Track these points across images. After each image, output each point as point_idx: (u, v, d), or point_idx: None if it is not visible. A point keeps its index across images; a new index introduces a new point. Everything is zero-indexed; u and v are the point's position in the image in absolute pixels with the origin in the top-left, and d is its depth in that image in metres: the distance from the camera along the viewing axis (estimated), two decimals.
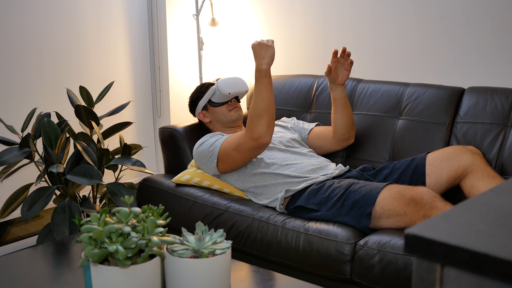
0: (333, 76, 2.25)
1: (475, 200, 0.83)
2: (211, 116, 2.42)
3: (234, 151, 2.16)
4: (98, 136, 2.31)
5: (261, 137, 2.09)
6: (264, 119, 2.08)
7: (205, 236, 1.29)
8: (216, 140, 2.23)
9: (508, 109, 2.14)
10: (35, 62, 2.66)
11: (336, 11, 2.83)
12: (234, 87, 2.37)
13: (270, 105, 2.10)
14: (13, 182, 2.49)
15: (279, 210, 2.10)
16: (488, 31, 2.40)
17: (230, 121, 2.39)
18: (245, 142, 2.13)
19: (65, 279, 1.55)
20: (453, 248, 0.69)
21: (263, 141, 2.10)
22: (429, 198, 1.80)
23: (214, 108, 2.40)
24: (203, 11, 3.07)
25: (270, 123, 2.10)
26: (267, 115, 2.09)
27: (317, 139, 2.44)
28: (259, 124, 2.09)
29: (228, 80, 2.39)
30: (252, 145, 2.12)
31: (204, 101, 2.41)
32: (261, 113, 2.08)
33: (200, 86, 2.48)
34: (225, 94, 2.36)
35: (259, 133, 2.09)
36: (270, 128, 2.10)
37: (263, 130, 2.09)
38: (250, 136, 2.10)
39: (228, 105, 2.39)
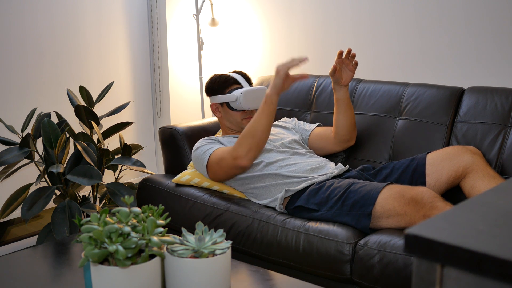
0: (337, 77, 2.24)
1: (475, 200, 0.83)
2: (223, 113, 2.39)
3: (217, 165, 2.17)
4: (98, 136, 2.31)
5: (239, 158, 2.08)
6: (249, 142, 2.07)
7: (205, 236, 1.29)
8: (208, 148, 2.21)
9: (508, 109, 2.14)
10: (35, 62, 2.66)
11: (336, 11, 2.83)
12: (255, 102, 2.32)
13: (261, 132, 2.07)
14: (13, 182, 2.49)
15: (279, 210, 2.10)
16: (488, 31, 2.40)
17: (239, 128, 2.37)
18: (226, 158, 2.13)
19: (65, 279, 1.55)
20: (453, 248, 0.69)
21: (239, 162, 2.09)
22: (429, 198, 1.80)
23: (229, 110, 2.36)
24: (203, 11, 3.07)
25: (253, 149, 2.07)
26: (253, 140, 2.07)
27: (318, 140, 2.44)
28: (243, 145, 2.07)
29: (252, 95, 2.32)
30: (230, 163, 2.12)
31: (222, 100, 2.36)
32: (249, 136, 2.07)
33: (225, 80, 2.38)
34: (245, 108, 2.32)
35: (239, 154, 2.08)
36: (250, 152, 2.08)
37: (243, 152, 2.07)
38: (231, 154, 2.10)
39: (243, 113, 2.35)
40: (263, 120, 2.07)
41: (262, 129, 2.07)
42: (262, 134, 2.07)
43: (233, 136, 2.35)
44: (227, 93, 2.35)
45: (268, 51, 3.11)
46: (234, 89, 2.35)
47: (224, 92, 2.36)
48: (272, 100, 2.06)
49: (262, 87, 2.36)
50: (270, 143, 2.33)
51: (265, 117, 2.06)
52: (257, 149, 2.09)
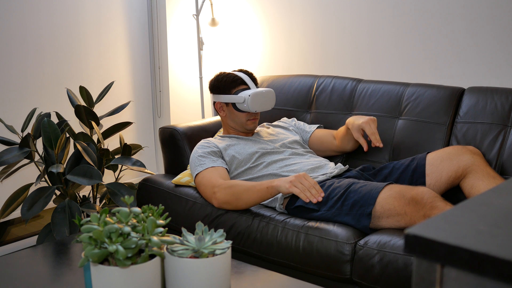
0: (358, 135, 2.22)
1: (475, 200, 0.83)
2: (227, 113, 2.37)
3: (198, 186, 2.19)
4: (98, 136, 2.31)
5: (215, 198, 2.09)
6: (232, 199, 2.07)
7: (205, 236, 1.29)
8: (199, 164, 2.20)
9: (508, 109, 2.14)
10: (35, 62, 2.66)
11: (336, 11, 2.83)
12: (263, 105, 2.32)
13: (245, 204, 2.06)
14: (13, 182, 2.49)
15: (279, 210, 2.10)
16: (488, 31, 2.40)
17: (243, 128, 2.36)
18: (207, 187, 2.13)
19: (65, 279, 1.55)
20: (453, 248, 0.69)
21: (213, 201, 2.11)
22: (429, 198, 1.80)
23: (234, 111, 2.34)
24: (203, 11, 3.07)
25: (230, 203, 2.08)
26: (236, 201, 2.07)
27: (319, 143, 2.44)
28: (227, 193, 2.07)
29: (260, 97, 2.30)
30: (207, 194, 2.13)
31: (228, 100, 2.33)
32: (237, 195, 2.06)
33: (232, 80, 2.34)
34: (252, 110, 2.30)
35: (218, 195, 2.08)
36: (226, 204, 2.09)
37: (222, 198, 2.08)
38: (213, 188, 2.10)
39: (249, 114, 2.33)
40: (254, 198, 2.05)
41: (248, 202, 2.07)
42: (244, 205, 2.08)
43: (234, 136, 2.35)
44: (234, 93, 2.32)
45: (268, 51, 3.11)
46: (241, 90, 2.32)
47: (230, 92, 2.33)
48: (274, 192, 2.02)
49: (269, 90, 2.35)
50: (270, 144, 2.33)
51: (258, 197, 2.05)
52: (232, 207, 2.10)
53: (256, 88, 2.35)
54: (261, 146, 2.30)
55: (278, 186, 1.99)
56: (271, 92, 2.35)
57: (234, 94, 2.32)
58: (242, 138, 2.34)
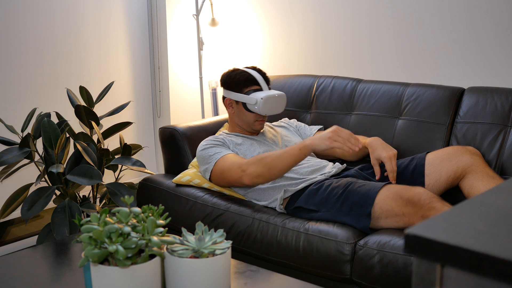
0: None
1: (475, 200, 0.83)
2: (236, 111, 2.35)
3: (220, 174, 2.16)
4: (98, 136, 2.31)
5: (246, 174, 2.07)
6: (264, 170, 2.06)
7: (205, 236, 1.29)
8: (216, 152, 2.19)
9: (508, 109, 2.14)
10: (35, 62, 2.66)
11: (336, 11, 2.83)
12: (273, 109, 2.31)
13: (278, 171, 2.06)
14: (13, 182, 2.49)
15: (278, 210, 2.10)
16: (488, 31, 2.40)
17: (250, 128, 2.35)
18: (234, 169, 2.11)
19: (65, 279, 1.55)
20: (453, 248, 0.69)
21: (244, 179, 2.08)
22: (426, 199, 1.80)
23: (243, 110, 2.32)
24: (203, 11, 3.07)
25: (262, 176, 2.07)
26: (269, 171, 2.06)
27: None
28: (258, 166, 2.06)
29: (272, 102, 2.29)
30: (235, 175, 2.10)
31: (239, 98, 2.31)
32: (267, 165, 2.05)
33: (246, 79, 2.32)
34: (262, 113, 2.29)
35: (249, 170, 2.07)
36: (258, 178, 2.07)
37: (253, 172, 2.06)
38: (242, 167, 2.08)
39: (258, 115, 2.32)
40: (287, 163, 2.05)
41: (281, 169, 2.07)
42: (278, 173, 2.08)
43: (239, 135, 2.34)
44: (246, 93, 2.30)
45: (268, 51, 3.11)
46: (253, 91, 2.30)
47: (242, 90, 2.31)
48: (308, 152, 2.04)
49: (281, 94, 2.33)
50: (274, 146, 2.32)
51: (292, 161, 2.05)
52: (265, 179, 2.09)
53: (268, 89, 2.34)
54: (266, 148, 2.29)
55: (314, 145, 2.00)
56: (283, 96, 2.33)
57: (246, 94, 2.30)
58: (247, 137, 2.34)
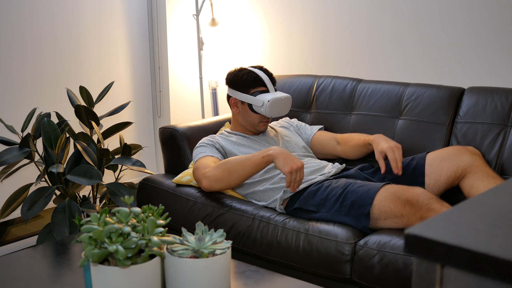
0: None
1: (475, 200, 0.83)
2: (241, 111, 2.35)
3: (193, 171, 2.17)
4: (98, 136, 2.31)
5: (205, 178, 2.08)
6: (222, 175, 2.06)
7: (205, 236, 1.29)
8: (200, 152, 2.20)
9: (508, 109, 2.14)
10: (35, 62, 2.66)
11: (336, 11, 2.83)
12: (279, 112, 2.31)
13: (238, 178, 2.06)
14: (13, 182, 2.49)
15: (278, 211, 2.10)
16: (488, 31, 2.40)
17: (253, 128, 2.35)
18: (199, 169, 2.12)
19: (65, 279, 1.55)
20: (453, 248, 0.69)
21: (203, 181, 2.09)
22: (424, 200, 1.79)
23: (249, 111, 2.32)
24: (203, 11, 3.07)
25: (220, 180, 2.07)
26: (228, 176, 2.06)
27: (320, 147, 2.42)
28: (218, 171, 2.07)
29: (279, 104, 2.28)
30: (198, 176, 2.12)
31: (245, 99, 2.31)
32: (227, 171, 2.06)
33: (253, 80, 2.31)
34: (268, 115, 2.29)
35: (208, 174, 2.08)
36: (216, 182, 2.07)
37: (213, 177, 2.07)
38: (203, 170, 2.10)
39: (263, 116, 2.32)
40: (248, 170, 2.05)
41: (241, 175, 2.06)
42: (238, 179, 2.07)
43: (241, 135, 2.34)
44: (252, 94, 2.29)
45: (268, 51, 3.11)
46: (259, 92, 2.29)
47: (249, 91, 2.31)
48: (269, 161, 2.03)
49: (288, 96, 2.32)
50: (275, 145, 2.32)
51: (253, 168, 2.05)
52: (224, 184, 2.09)
53: (275, 90, 2.34)
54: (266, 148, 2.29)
55: (275, 159, 1.99)
56: (289, 99, 2.33)
57: (252, 95, 2.29)
58: (249, 137, 2.34)
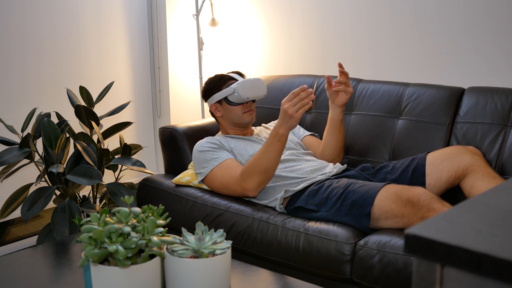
0: (331, 93, 2.24)
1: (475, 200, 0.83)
2: (223, 112, 2.37)
3: (220, 185, 2.18)
4: (98, 136, 2.31)
5: (248, 190, 2.10)
6: (260, 177, 2.07)
7: (205, 236, 1.29)
8: (213, 158, 2.19)
9: (508, 109, 2.14)
10: (35, 62, 2.66)
11: (336, 11, 2.83)
12: (254, 91, 2.31)
13: (271, 167, 2.07)
14: (13, 182, 2.49)
15: (279, 210, 2.10)
16: (488, 31, 2.40)
17: (241, 123, 2.36)
18: (234, 184, 2.13)
19: (65, 279, 1.55)
20: (453, 248, 0.69)
21: (248, 194, 2.12)
22: (425, 199, 1.79)
23: (228, 106, 2.34)
24: (203, 11, 3.07)
25: (263, 182, 2.09)
26: (264, 175, 2.07)
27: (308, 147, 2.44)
28: (254, 178, 2.08)
29: (249, 84, 2.31)
30: (238, 190, 2.13)
31: (220, 96, 2.34)
32: (260, 171, 2.07)
33: (220, 78, 2.39)
34: (244, 98, 2.29)
35: (249, 186, 2.09)
36: (260, 186, 2.10)
37: (254, 185, 2.09)
38: (241, 184, 2.11)
39: (243, 106, 2.33)
40: (273, 155, 2.06)
41: (272, 165, 2.07)
42: (273, 169, 2.08)
43: (233, 136, 2.34)
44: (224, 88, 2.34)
45: (268, 51, 3.11)
46: (230, 84, 2.34)
47: (221, 89, 2.35)
48: (283, 137, 2.04)
49: (257, 78, 2.36)
50: None
51: (276, 153, 2.06)
52: (267, 181, 2.11)
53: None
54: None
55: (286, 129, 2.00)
56: (259, 80, 2.35)
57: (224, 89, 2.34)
58: (242, 138, 2.34)
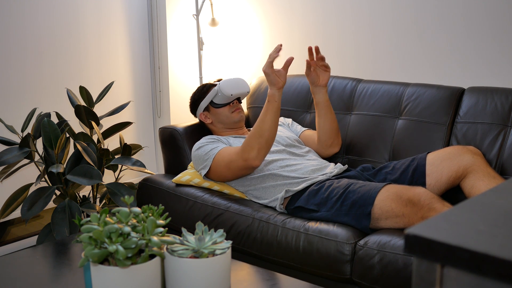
0: (313, 77, 2.25)
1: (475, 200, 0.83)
2: (212, 117, 2.42)
3: (225, 168, 2.17)
4: (98, 136, 2.31)
5: (250, 159, 2.09)
6: (258, 142, 2.08)
7: (205, 236, 1.29)
8: (212, 149, 2.21)
9: (508, 109, 2.14)
10: (35, 62, 2.66)
11: (336, 11, 2.83)
12: (236, 88, 2.36)
13: (268, 130, 2.07)
14: (13, 182, 2.49)
15: (279, 210, 2.10)
16: (488, 31, 2.40)
17: (232, 123, 2.38)
18: (236, 160, 2.13)
19: (65, 279, 1.55)
20: (453, 248, 0.69)
21: (251, 163, 2.10)
22: (426, 199, 1.79)
23: (216, 110, 2.39)
24: (203, 11, 3.07)
25: (263, 148, 2.09)
26: (261, 139, 2.07)
27: (306, 143, 2.44)
28: (252, 145, 2.08)
29: (230, 81, 2.38)
30: (241, 165, 2.12)
31: (206, 102, 2.40)
32: (257, 136, 2.08)
33: (202, 87, 2.48)
34: (227, 95, 2.34)
35: (250, 155, 2.08)
36: (261, 152, 2.09)
37: (254, 153, 2.08)
38: (241, 155, 2.11)
39: (230, 106, 2.38)
40: (268, 118, 2.08)
41: (268, 127, 2.08)
42: (269, 132, 2.08)
43: (232, 136, 2.35)
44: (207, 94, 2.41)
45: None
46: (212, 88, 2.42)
47: (204, 96, 2.42)
48: (274, 98, 2.07)
49: (239, 77, 2.43)
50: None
51: (270, 114, 2.07)
52: (266, 147, 2.10)
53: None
54: None
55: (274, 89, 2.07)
56: (241, 78, 2.43)
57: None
58: (237, 137, 2.35)
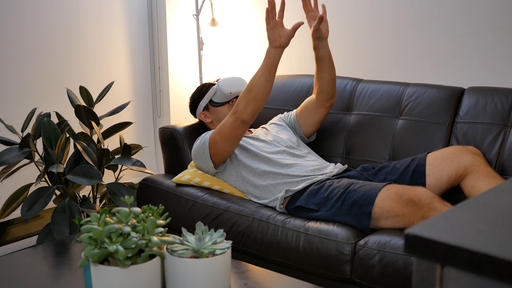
0: (319, 33, 2.23)
1: (475, 200, 0.83)
2: (212, 117, 2.42)
3: (218, 135, 2.17)
4: (98, 136, 2.31)
5: (238, 112, 2.09)
6: (247, 96, 2.07)
7: (205, 236, 1.29)
8: (205, 136, 2.24)
9: (508, 109, 2.14)
10: (35, 62, 2.66)
11: (336, 11, 2.83)
12: (235, 86, 2.38)
13: (257, 85, 2.06)
14: (13, 182, 2.49)
15: (279, 210, 2.10)
16: (488, 31, 2.40)
17: None
18: (225, 121, 2.14)
19: (65, 279, 1.55)
20: (453, 248, 0.69)
21: (240, 116, 2.09)
22: (427, 199, 1.79)
23: (215, 108, 2.40)
24: (203, 11, 3.07)
25: (251, 103, 2.07)
26: (250, 95, 2.07)
27: (303, 112, 2.41)
28: (241, 99, 2.09)
29: (229, 80, 2.40)
30: (230, 122, 2.12)
31: (205, 101, 2.41)
32: (246, 91, 2.09)
33: (201, 87, 2.48)
34: (226, 93, 2.36)
35: (238, 109, 2.09)
36: (248, 106, 2.07)
37: (242, 105, 2.08)
38: (231, 113, 2.13)
39: (229, 105, 2.39)
40: (259, 74, 2.07)
41: (257, 83, 2.06)
42: (258, 88, 2.06)
43: None
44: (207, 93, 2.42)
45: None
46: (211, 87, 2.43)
47: (203, 95, 2.43)
48: (269, 55, 2.06)
49: (237, 76, 2.45)
50: (267, 140, 2.32)
51: (262, 71, 2.06)
52: (254, 103, 2.08)
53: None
54: (260, 144, 2.30)
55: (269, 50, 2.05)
56: (239, 77, 2.44)
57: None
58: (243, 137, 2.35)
